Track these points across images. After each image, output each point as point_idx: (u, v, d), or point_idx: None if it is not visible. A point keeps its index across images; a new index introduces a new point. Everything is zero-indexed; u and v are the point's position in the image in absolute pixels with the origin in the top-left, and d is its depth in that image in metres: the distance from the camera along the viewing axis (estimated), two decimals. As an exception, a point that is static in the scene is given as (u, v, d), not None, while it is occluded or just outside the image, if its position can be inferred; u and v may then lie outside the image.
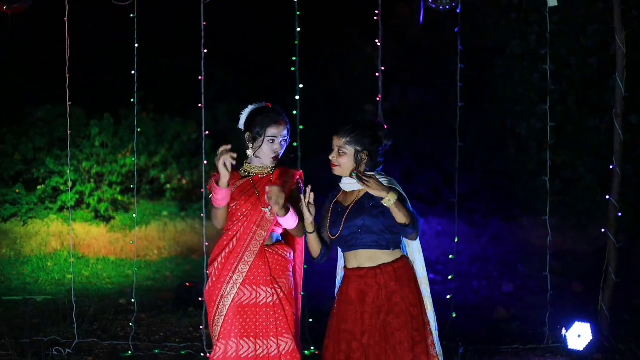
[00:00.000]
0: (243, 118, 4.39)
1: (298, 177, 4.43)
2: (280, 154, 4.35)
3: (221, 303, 4.23)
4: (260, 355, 4.21)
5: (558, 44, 10.43)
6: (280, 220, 4.17)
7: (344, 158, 4.14)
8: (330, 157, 4.18)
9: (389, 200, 3.91)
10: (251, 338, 4.21)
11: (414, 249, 4.23)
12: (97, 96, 12.23)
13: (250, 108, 4.40)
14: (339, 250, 4.32)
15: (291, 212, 4.15)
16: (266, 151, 4.31)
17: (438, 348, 4.20)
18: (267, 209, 4.21)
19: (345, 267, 4.25)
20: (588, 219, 10.84)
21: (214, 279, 4.28)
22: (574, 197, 11.04)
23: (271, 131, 4.27)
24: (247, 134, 4.33)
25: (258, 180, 4.34)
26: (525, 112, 11.19)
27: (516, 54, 11.29)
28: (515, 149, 11.44)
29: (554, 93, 10.41)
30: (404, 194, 4.11)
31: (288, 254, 4.38)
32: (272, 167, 4.40)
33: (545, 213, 6.83)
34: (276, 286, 4.27)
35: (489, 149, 11.98)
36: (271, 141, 4.28)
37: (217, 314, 4.24)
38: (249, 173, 4.38)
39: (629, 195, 10.04)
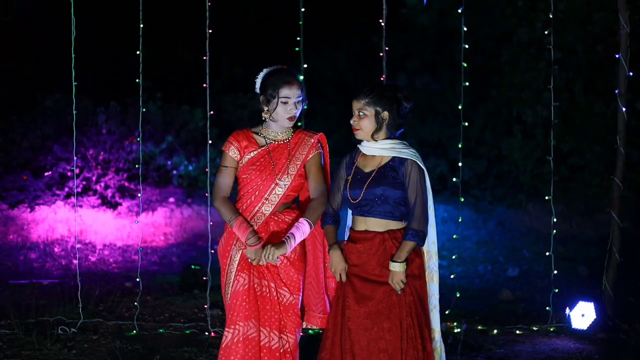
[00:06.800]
0: (258, 82, 4.31)
1: (317, 141, 4.34)
2: (297, 115, 4.25)
3: (231, 264, 4.23)
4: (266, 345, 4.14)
5: (564, 31, 10.41)
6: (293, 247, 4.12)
7: (364, 120, 4.10)
8: (352, 122, 4.15)
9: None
10: (255, 320, 4.12)
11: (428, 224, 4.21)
12: (103, 85, 12.25)
13: (265, 71, 4.32)
14: (349, 211, 4.29)
15: (293, 239, 4.08)
16: (281, 113, 4.21)
17: (436, 321, 4.23)
18: (280, 181, 4.18)
19: (351, 228, 4.23)
20: (594, 205, 10.82)
21: (224, 242, 4.31)
22: (581, 183, 11.02)
23: (284, 92, 4.18)
24: (262, 96, 4.25)
25: (274, 148, 4.26)
26: (531, 99, 11.17)
27: (522, 42, 11.28)
28: (521, 135, 11.41)
29: (561, 80, 10.40)
30: (425, 172, 4.13)
31: (293, 219, 4.27)
32: (291, 132, 4.33)
33: (550, 195, 6.81)
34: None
35: (495, 136, 11.93)
36: (285, 102, 4.19)
37: (228, 273, 4.24)
38: (265, 138, 4.29)
39: (635, 181, 10.01)
